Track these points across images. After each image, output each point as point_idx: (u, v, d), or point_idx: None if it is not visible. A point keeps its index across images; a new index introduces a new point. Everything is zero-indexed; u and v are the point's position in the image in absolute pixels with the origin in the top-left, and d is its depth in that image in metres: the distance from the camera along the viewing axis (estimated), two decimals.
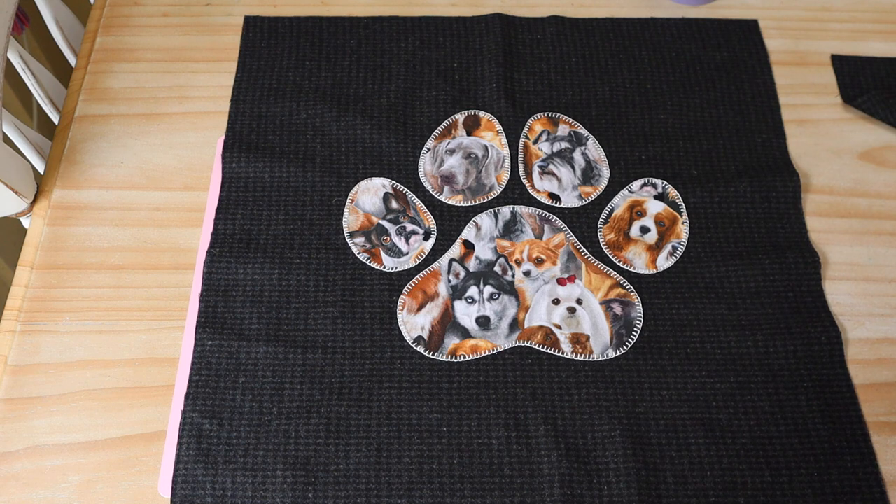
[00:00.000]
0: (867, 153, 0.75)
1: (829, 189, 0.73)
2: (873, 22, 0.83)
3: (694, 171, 0.73)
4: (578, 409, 0.62)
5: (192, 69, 0.79)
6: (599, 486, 0.59)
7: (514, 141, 0.74)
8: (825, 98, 0.78)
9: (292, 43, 0.80)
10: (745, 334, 0.64)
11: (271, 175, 0.72)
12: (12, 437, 0.61)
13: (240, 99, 0.76)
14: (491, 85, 0.77)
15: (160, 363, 0.64)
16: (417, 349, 0.64)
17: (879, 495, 0.59)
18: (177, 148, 0.74)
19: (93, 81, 0.78)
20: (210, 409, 0.61)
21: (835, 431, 0.61)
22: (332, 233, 0.69)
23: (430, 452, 0.60)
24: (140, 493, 0.59)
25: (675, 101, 0.77)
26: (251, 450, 0.59)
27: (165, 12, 0.83)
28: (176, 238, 0.69)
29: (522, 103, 0.76)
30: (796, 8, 0.84)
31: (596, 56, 0.79)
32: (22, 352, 0.64)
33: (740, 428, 0.61)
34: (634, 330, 0.65)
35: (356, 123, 0.75)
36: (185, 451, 0.59)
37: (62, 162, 0.73)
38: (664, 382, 0.63)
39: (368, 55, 0.79)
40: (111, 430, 0.61)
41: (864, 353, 0.65)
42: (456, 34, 0.80)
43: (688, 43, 0.80)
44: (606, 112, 0.76)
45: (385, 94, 0.77)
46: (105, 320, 0.66)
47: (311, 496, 0.58)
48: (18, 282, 0.67)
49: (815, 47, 0.82)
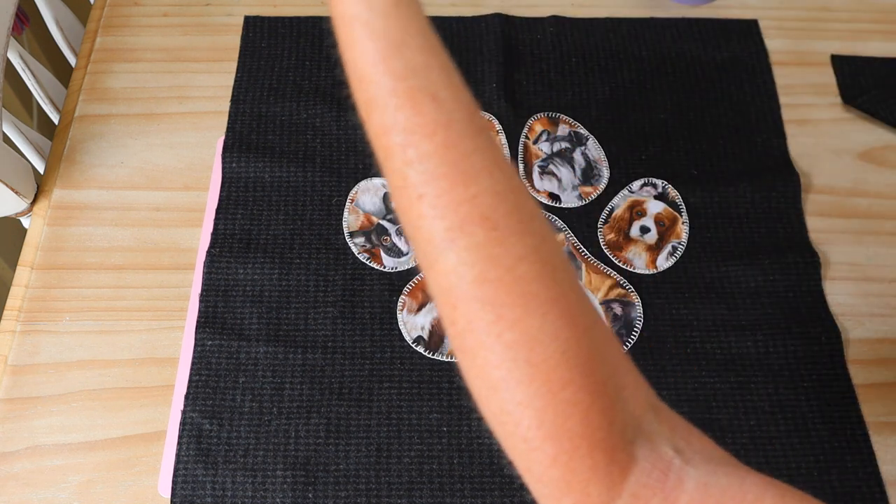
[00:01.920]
0: (867, 153, 0.75)
1: (829, 189, 0.73)
2: (873, 22, 0.83)
3: (694, 171, 0.73)
4: None
5: (192, 69, 0.79)
6: None
7: (514, 141, 0.74)
8: (825, 98, 0.78)
9: (292, 43, 0.80)
10: (745, 334, 0.64)
11: (271, 175, 0.72)
12: (12, 437, 0.61)
13: (240, 99, 0.76)
14: (491, 85, 0.77)
15: (160, 363, 0.64)
16: (417, 349, 0.64)
17: (879, 495, 0.59)
18: (177, 148, 0.74)
19: (93, 81, 0.78)
20: (210, 409, 0.61)
21: (835, 431, 0.61)
22: (332, 233, 0.69)
23: (430, 452, 0.60)
24: (140, 493, 0.59)
25: (675, 101, 0.77)
26: (251, 450, 0.59)
27: (165, 12, 0.83)
28: (176, 238, 0.69)
29: (522, 103, 0.76)
30: (796, 8, 0.84)
31: (596, 56, 0.79)
32: (22, 352, 0.64)
33: (740, 428, 0.61)
34: (634, 330, 0.65)
35: (356, 123, 0.74)
36: (185, 451, 0.59)
37: (62, 162, 0.73)
38: (664, 382, 0.63)
39: None
40: (111, 430, 0.61)
41: (863, 354, 0.65)
42: (456, 34, 0.80)
43: (688, 43, 0.80)
44: (606, 112, 0.76)
45: None
46: (105, 320, 0.66)
47: (311, 496, 0.58)
48: (18, 282, 0.67)
49: (815, 47, 0.82)
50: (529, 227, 0.34)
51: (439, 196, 0.33)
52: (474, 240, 0.33)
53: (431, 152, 0.33)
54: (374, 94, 0.34)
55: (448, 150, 0.33)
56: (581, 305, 0.34)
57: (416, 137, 0.33)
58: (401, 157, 0.34)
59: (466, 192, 0.33)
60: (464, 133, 0.34)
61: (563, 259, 0.35)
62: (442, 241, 0.33)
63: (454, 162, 0.33)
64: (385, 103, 0.34)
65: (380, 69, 0.33)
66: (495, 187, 0.33)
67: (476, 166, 0.33)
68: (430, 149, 0.33)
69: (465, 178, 0.33)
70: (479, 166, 0.33)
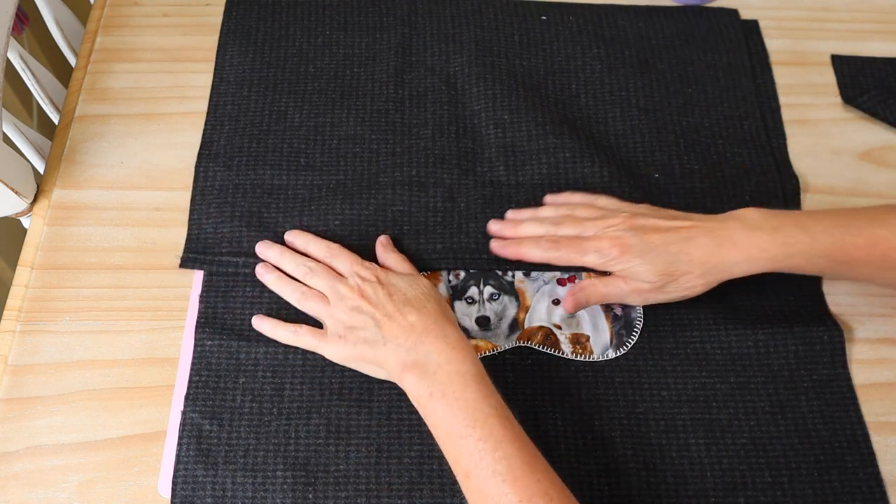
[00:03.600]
0: (867, 153, 0.75)
1: (829, 189, 0.73)
2: (873, 22, 0.83)
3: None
4: (579, 409, 0.62)
5: (192, 69, 0.79)
6: (600, 487, 0.59)
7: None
8: (825, 98, 0.78)
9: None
10: (745, 334, 0.64)
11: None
12: (12, 437, 0.61)
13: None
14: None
15: (160, 363, 0.64)
16: None
17: (880, 495, 0.59)
18: (177, 148, 0.74)
19: (93, 81, 0.78)
20: (210, 409, 0.61)
21: (835, 432, 0.61)
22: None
23: (431, 453, 0.59)
24: (140, 493, 0.59)
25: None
26: (251, 450, 0.59)
27: (165, 12, 0.83)
28: (176, 238, 0.69)
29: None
30: (796, 8, 0.84)
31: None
32: (22, 352, 0.64)
33: (740, 428, 0.61)
34: (634, 330, 0.65)
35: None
36: (185, 451, 0.59)
37: (62, 162, 0.73)
38: (664, 383, 0.63)
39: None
40: (111, 430, 0.61)
41: (864, 354, 0.65)
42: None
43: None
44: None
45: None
46: (105, 320, 0.66)
47: (311, 497, 0.58)
48: (18, 282, 0.67)
49: (815, 47, 0.82)
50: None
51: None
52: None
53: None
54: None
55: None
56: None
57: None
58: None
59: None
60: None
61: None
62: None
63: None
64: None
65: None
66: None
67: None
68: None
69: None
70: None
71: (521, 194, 0.70)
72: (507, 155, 0.72)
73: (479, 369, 0.55)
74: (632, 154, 0.73)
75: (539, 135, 0.73)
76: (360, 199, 0.69)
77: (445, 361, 0.55)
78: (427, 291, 0.60)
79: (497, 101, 0.75)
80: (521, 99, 0.75)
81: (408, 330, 0.57)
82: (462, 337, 0.57)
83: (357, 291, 0.60)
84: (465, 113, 0.75)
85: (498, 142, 0.73)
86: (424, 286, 0.61)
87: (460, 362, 0.55)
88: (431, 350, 0.56)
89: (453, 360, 0.55)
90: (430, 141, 0.73)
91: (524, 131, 0.73)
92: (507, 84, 0.76)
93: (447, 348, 0.55)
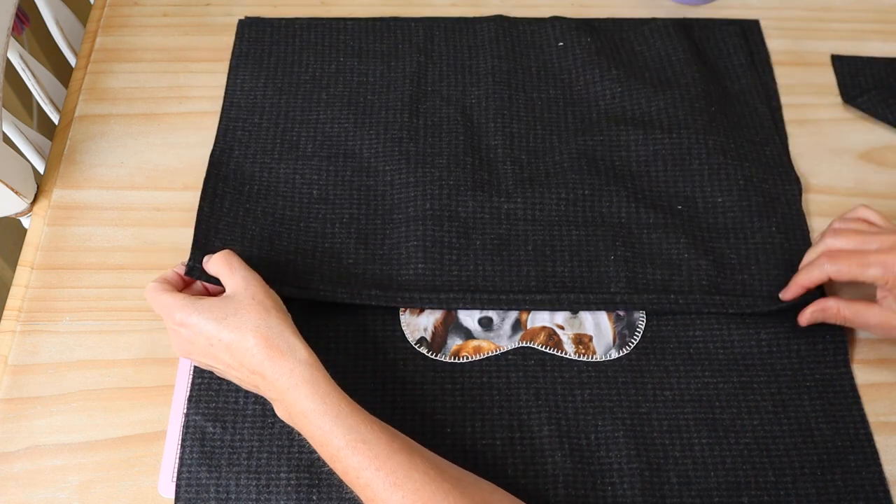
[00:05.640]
0: (867, 153, 0.75)
1: (830, 189, 0.73)
2: (873, 22, 0.83)
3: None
4: (582, 409, 0.61)
5: (192, 69, 0.79)
6: (603, 487, 0.58)
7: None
8: (825, 98, 0.79)
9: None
10: (748, 334, 0.64)
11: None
12: (12, 437, 0.61)
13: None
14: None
15: (160, 363, 0.64)
16: (420, 350, 0.64)
17: (883, 495, 0.59)
18: (177, 148, 0.74)
19: (93, 81, 0.78)
20: (213, 411, 0.61)
21: (838, 431, 0.61)
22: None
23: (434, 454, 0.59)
24: (140, 493, 0.59)
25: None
26: (255, 452, 0.59)
27: (165, 12, 0.83)
28: (176, 238, 0.69)
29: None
30: (796, 8, 0.84)
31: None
32: (22, 352, 0.64)
33: (744, 428, 0.61)
34: (637, 330, 0.65)
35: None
36: (188, 453, 0.59)
37: (62, 162, 0.73)
38: (667, 383, 0.63)
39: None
40: (111, 430, 0.61)
41: (866, 353, 0.65)
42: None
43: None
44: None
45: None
46: (105, 320, 0.65)
47: (314, 498, 0.58)
48: (18, 282, 0.67)
49: (815, 47, 0.82)
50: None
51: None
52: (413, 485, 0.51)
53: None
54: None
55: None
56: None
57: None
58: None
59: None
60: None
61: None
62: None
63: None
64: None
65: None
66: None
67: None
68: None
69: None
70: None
71: (539, 233, 0.68)
72: (525, 188, 0.70)
73: (296, 381, 0.53)
74: (654, 184, 0.72)
75: (557, 172, 0.71)
76: (375, 238, 0.68)
77: (280, 393, 0.54)
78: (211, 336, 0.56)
79: (514, 140, 0.74)
80: (539, 140, 0.74)
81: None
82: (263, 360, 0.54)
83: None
84: (482, 146, 0.74)
85: (515, 177, 0.71)
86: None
87: (284, 392, 0.54)
88: (268, 388, 0.55)
89: (281, 392, 0.54)
90: (446, 171, 0.71)
91: (542, 169, 0.72)
92: (526, 122, 0.75)
93: (274, 388, 0.54)
